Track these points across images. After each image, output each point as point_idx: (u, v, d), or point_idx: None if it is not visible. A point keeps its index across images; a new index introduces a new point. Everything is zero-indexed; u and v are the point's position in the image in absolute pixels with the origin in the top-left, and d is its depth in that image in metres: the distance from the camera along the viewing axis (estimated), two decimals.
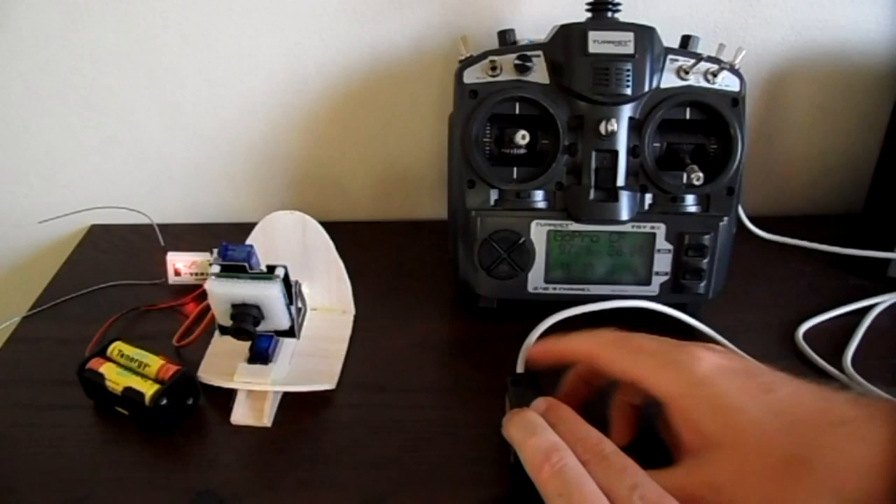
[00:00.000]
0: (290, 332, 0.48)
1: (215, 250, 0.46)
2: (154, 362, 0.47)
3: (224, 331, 0.47)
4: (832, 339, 0.54)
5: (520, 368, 0.48)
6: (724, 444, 0.35)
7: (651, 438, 0.41)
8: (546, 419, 0.38)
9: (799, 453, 0.34)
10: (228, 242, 0.46)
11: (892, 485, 0.32)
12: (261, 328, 0.46)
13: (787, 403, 0.36)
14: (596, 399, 0.43)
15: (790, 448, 0.34)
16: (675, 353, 0.39)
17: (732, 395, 0.36)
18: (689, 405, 0.37)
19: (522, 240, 0.53)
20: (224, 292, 0.45)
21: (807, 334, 0.54)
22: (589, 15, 0.54)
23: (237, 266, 0.45)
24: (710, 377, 0.37)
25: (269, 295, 0.45)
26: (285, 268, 0.46)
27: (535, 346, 0.44)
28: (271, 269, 0.46)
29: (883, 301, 0.57)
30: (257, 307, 0.45)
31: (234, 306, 0.45)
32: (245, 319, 0.45)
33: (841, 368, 0.51)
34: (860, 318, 0.55)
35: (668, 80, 0.51)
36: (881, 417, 0.34)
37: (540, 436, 0.36)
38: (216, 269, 0.45)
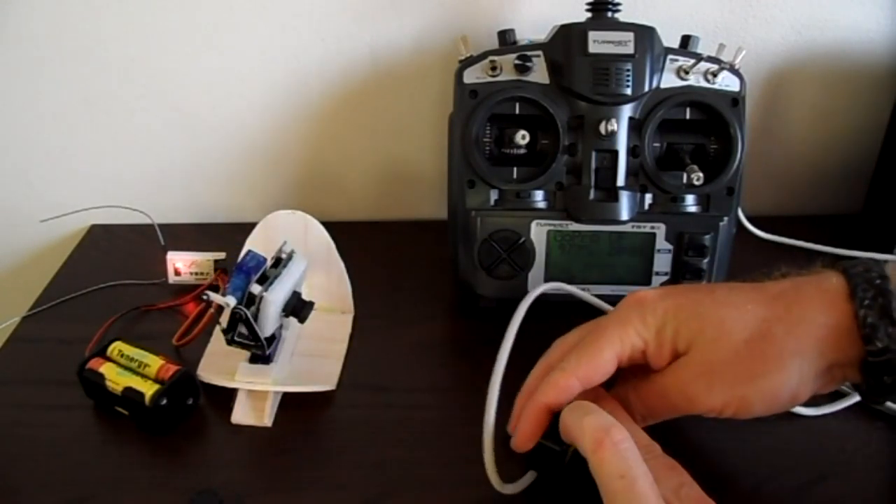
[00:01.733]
0: (270, 339, 0.47)
1: (229, 288, 0.45)
2: (154, 362, 0.47)
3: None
4: None
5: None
6: (691, 348, 0.38)
7: None
8: None
9: (755, 331, 0.37)
10: (238, 264, 0.46)
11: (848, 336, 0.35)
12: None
13: (729, 296, 0.39)
14: None
15: (746, 329, 0.37)
16: (623, 312, 0.41)
17: (686, 308, 0.39)
18: (662, 334, 0.39)
19: (522, 240, 0.53)
20: (277, 297, 0.45)
21: None
22: (589, 15, 0.54)
23: (263, 276, 0.46)
24: (660, 307, 0.39)
25: (302, 269, 0.48)
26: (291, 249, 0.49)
27: (513, 438, 0.40)
28: (277, 261, 0.47)
29: None
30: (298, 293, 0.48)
31: (288, 302, 0.47)
32: (302, 304, 0.48)
33: None
34: None
35: (668, 80, 0.51)
36: (811, 282, 0.38)
37: (597, 414, 0.35)
38: (231, 299, 0.44)
